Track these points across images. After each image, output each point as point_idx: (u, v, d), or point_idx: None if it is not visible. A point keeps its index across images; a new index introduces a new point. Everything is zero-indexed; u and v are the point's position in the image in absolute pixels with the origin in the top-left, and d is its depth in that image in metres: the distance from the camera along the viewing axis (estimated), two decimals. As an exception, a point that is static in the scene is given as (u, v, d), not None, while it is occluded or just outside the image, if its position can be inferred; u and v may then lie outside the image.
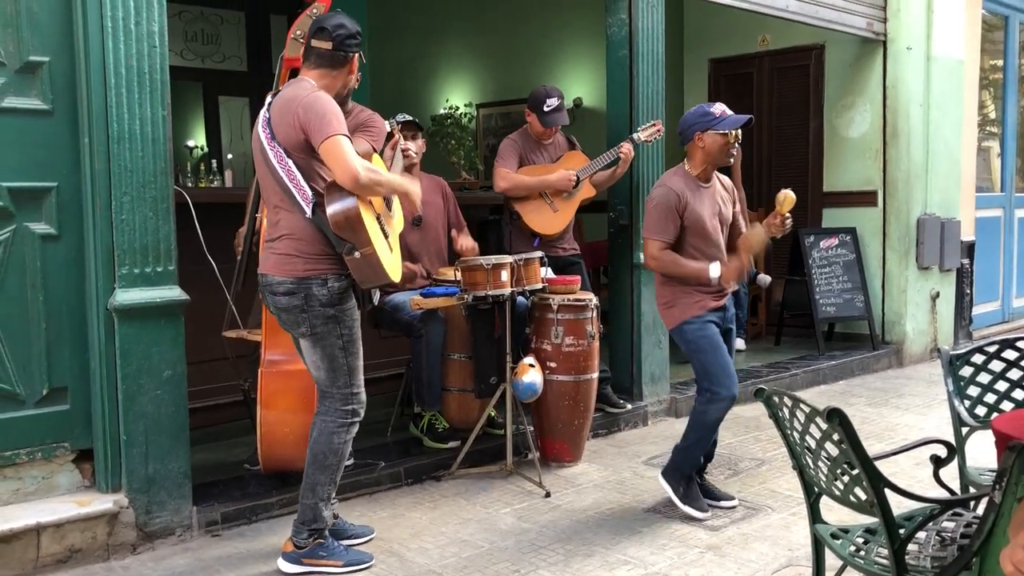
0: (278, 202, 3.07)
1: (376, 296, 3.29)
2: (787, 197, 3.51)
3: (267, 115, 3.05)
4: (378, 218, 3.10)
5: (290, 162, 2.97)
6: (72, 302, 3.30)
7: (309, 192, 2.98)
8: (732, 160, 3.75)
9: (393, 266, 3.13)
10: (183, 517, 3.42)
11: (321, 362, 3.11)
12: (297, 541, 3.16)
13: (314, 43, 3.07)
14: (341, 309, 3.07)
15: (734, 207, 3.84)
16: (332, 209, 2.93)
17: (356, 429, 3.21)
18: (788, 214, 3.55)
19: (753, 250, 3.66)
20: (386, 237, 3.13)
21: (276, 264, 3.07)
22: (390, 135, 3.77)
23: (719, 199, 3.75)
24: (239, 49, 9.11)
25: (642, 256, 3.88)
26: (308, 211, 2.98)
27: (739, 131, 3.66)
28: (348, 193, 2.93)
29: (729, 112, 3.69)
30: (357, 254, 2.95)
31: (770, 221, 3.59)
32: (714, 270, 3.58)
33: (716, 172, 3.81)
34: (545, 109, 4.65)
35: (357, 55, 3.13)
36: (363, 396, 3.20)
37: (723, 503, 3.80)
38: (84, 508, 3.21)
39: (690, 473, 3.74)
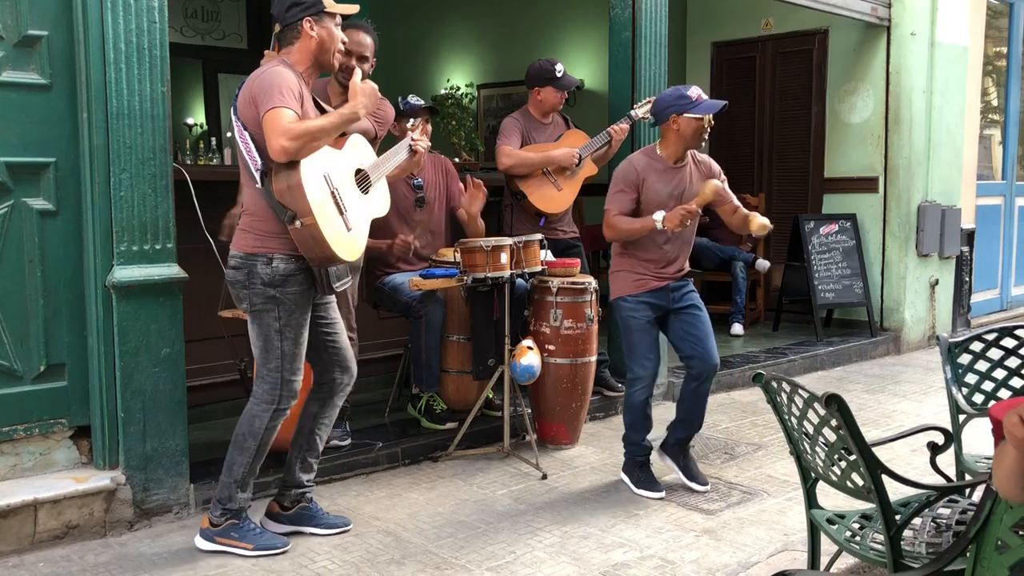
0: (242, 177, 3.10)
1: (343, 284, 3.16)
2: (757, 222, 3.63)
3: (236, 92, 3.06)
4: (334, 193, 3.01)
5: (247, 134, 2.97)
6: (70, 278, 3.29)
7: (259, 161, 2.95)
8: (703, 144, 3.78)
9: (345, 244, 3.01)
10: (180, 495, 3.42)
11: (256, 340, 3.09)
12: (212, 518, 3.15)
13: (274, 31, 3.07)
14: (283, 291, 3.02)
15: None
16: (277, 177, 2.91)
17: (281, 419, 3.13)
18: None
19: (705, 198, 3.65)
20: (342, 213, 3.02)
21: (235, 238, 3.10)
22: (404, 115, 3.73)
23: (690, 181, 3.79)
24: (239, 27, 9.05)
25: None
26: (257, 180, 2.96)
27: (712, 116, 3.69)
28: (295, 162, 2.90)
29: (705, 96, 3.71)
30: (298, 223, 2.90)
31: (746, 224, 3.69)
32: (657, 216, 3.64)
33: (695, 153, 3.85)
34: (558, 75, 4.65)
35: (309, 18, 2.99)
36: (295, 387, 3.11)
37: (694, 485, 3.81)
38: (81, 485, 3.21)
39: (642, 460, 3.84)
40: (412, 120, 3.81)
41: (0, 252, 3.15)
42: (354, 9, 3.14)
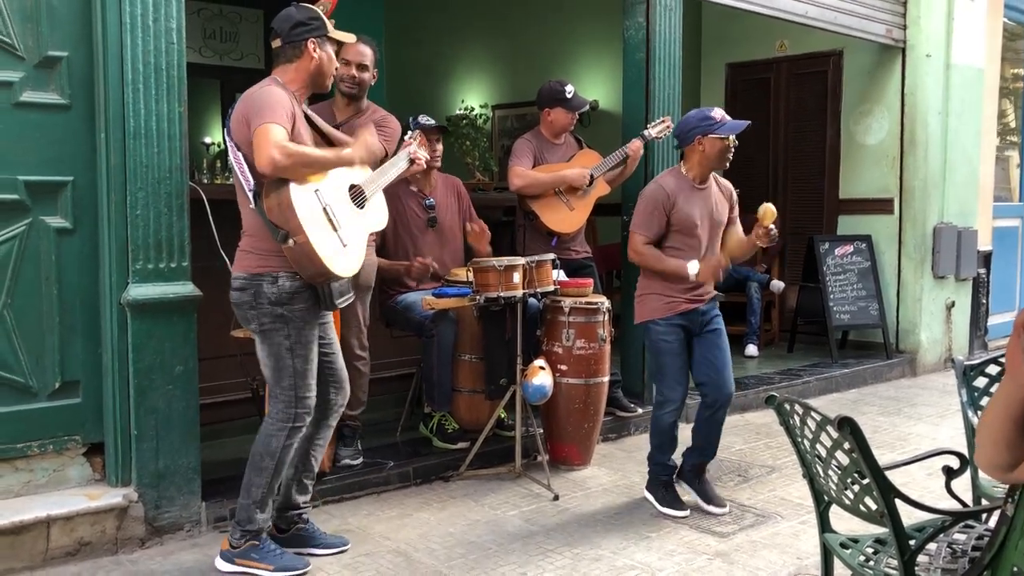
0: (239, 197, 3.11)
1: (345, 299, 3.18)
2: (767, 210, 3.55)
3: (229, 112, 3.09)
4: (325, 209, 3.02)
5: (240, 155, 3.00)
6: (86, 296, 3.32)
7: (252, 181, 2.98)
8: (728, 165, 3.79)
9: (340, 260, 3.02)
10: (192, 512, 3.43)
11: (267, 359, 3.10)
12: (232, 540, 3.14)
13: (272, 45, 3.11)
14: (291, 309, 3.04)
15: (731, 211, 3.90)
16: (267, 195, 2.94)
17: (298, 436, 3.13)
18: (772, 225, 3.57)
19: (733, 253, 3.75)
20: (335, 229, 3.03)
21: (236, 260, 3.12)
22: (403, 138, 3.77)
23: (714, 202, 3.81)
24: (257, 47, 9.14)
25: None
26: (251, 200, 2.99)
27: (735, 137, 3.74)
28: (284, 180, 2.92)
29: (728, 117, 3.74)
30: (291, 242, 2.92)
31: (756, 232, 3.61)
32: (692, 267, 3.67)
33: (714, 175, 3.86)
34: (568, 96, 4.66)
35: (313, 39, 3.07)
36: (310, 403, 3.13)
37: (712, 508, 3.79)
38: (94, 501, 3.22)
39: (667, 479, 3.84)
40: (410, 131, 3.83)
41: (17, 269, 3.19)
42: (351, 38, 3.31)
